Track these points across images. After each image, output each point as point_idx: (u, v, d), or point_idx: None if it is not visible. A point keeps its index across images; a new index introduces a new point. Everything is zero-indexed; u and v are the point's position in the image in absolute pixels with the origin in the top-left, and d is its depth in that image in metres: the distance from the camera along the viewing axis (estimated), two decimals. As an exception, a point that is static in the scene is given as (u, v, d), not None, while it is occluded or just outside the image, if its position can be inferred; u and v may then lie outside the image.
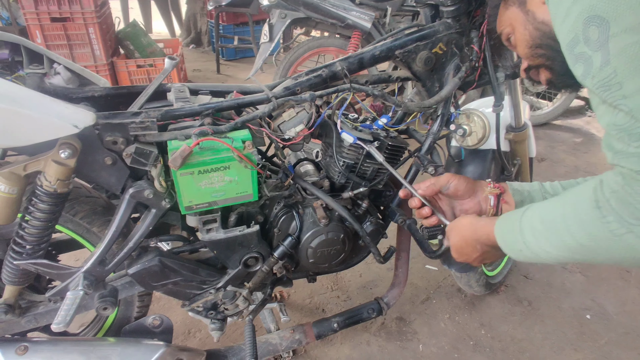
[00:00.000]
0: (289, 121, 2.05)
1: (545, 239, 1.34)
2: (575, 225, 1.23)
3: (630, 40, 1.02)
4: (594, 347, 3.13)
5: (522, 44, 1.64)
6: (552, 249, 1.32)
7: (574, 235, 1.23)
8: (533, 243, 1.38)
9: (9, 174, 1.66)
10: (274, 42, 5.29)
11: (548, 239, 1.33)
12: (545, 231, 1.34)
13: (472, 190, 1.92)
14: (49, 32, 6.32)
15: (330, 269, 2.50)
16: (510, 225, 1.50)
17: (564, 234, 1.27)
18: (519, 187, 1.88)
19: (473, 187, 1.93)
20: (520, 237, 1.43)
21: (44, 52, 1.97)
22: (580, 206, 1.22)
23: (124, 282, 2.23)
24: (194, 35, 11.51)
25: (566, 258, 1.32)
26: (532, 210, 1.43)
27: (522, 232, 1.42)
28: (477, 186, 1.93)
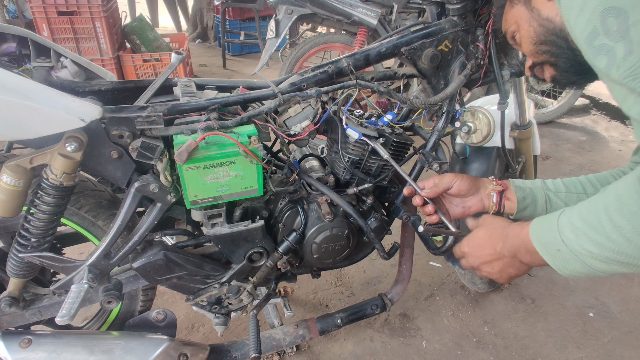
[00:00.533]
0: (295, 117, 2.05)
1: (586, 237, 1.24)
2: (622, 219, 1.15)
3: None
4: (597, 345, 3.13)
5: (527, 40, 1.63)
6: (596, 248, 1.21)
7: (621, 229, 1.15)
8: (573, 241, 1.28)
9: (15, 167, 1.66)
10: (280, 38, 5.31)
11: (590, 237, 1.23)
12: (586, 228, 1.24)
13: (474, 188, 1.92)
14: (55, 25, 6.33)
15: (334, 264, 2.50)
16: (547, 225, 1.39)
17: (609, 230, 1.17)
18: (521, 184, 1.88)
19: (475, 184, 1.93)
20: (559, 235, 1.32)
21: (51, 46, 1.97)
22: (626, 198, 1.15)
23: (129, 275, 2.24)
24: (200, 30, 11.51)
25: (611, 261, 1.20)
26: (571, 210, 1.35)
27: (561, 231, 1.32)
28: (480, 183, 1.93)
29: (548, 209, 1.82)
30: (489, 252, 1.66)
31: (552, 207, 1.81)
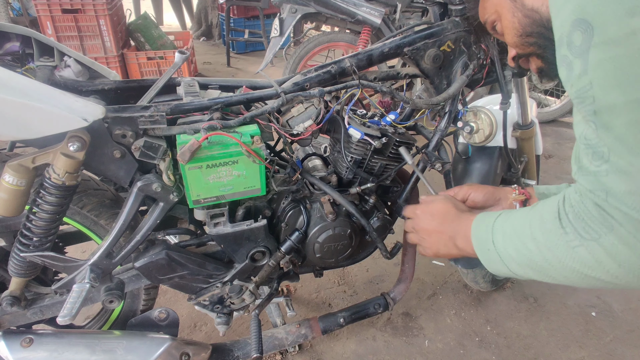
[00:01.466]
0: (298, 116, 2.05)
1: (511, 242, 1.38)
2: (539, 233, 1.28)
3: (610, 54, 0.98)
4: (599, 344, 3.13)
5: (511, 32, 1.59)
6: (516, 253, 1.36)
7: (536, 241, 1.28)
8: (500, 244, 1.42)
9: (18, 166, 1.67)
10: (284, 36, 5.32)
11: (513, 243, 1.37)
12: (512, 234, 1.38)
13: (493, 199, 1.90)
14: (59, 23, 6.35)
15: (337, 263, 2.50)
16: (485, 224, 1.52)
17: (528, 240, 1.31)
18: (545, 191, 1.85)
19: (494, 195, 1.90)
20: (491, 236, 1.46)
21: (54, 45, 1.97)
22: (546, 216, 1.27)
23: (131, 275, 2.24)
24: (205, 28, 11.53)
25: (525, 266, 1.35)
26: (507, 215, 1.47)
27: (494, 232, 1.46)
28: (501, 194, 1.90)
29: None
30: (435, 224, 1.77)
31: None
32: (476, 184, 1.98)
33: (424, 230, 1.83)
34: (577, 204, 1.16)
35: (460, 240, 1.64)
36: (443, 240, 1.73)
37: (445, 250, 1.74)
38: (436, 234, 1.77)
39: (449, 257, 1.75)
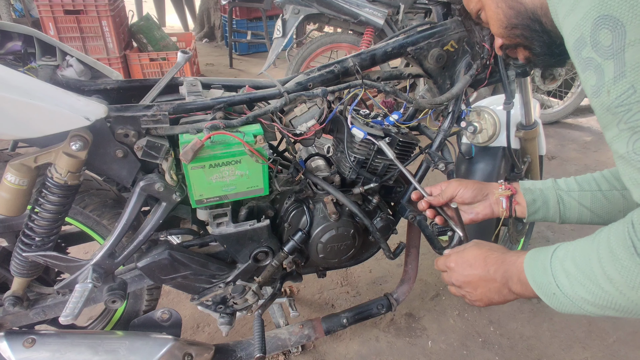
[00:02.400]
0: (301, 116, 2.04)
1: (580, 285, 1.22)
2: (614, 271, 1.11)
3: None
4: (602, 346, 3.12)
5: (496, 23, 1.53)
6: (590, 296, 1.19)
7: (613, 281, 1.12)
8: (568, 287, 1.26)
9: (20, 166, 1.66)
10: (287, 38, 5.32)
11: (584, 285, 1.21)
12: (580, 276, 1.22)
13: (481, 195, 1.89)
14: (62, 24, 6.36)
15: (340, 264, 2.50)
16: (542, 266, 1.36)
17: (602, 281, 1.15)
18: (530, 186, 1.83)
19: (482, 191, 1.90)
20: (553, 280, 1.30)
21: (56, 45, 1.97)
22: (617, 250, 1.10)
23: (133, 275, 2.24)
24: (207, 30, 11.54)
25: (605, 308, 1.18)
26: (564, 251, 1.32)
27: (554, 275, 1.30)
28: (488, 189, 1.89)
29: (561, 210, 1.75)
30: (479, 273, 1.59)
31: (565, 207, 1.74)
32: (463, 179, 1.94)
33: (468, 284, 1.64)
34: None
35: (516, 286, 1.47)
36: (495, 288, 1.55)
37: (501, 298, 1.57)
38: (484, 283, 1.58)
39: (506, 302, 1.58)
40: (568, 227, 4.40)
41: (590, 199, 1.69)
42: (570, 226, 4.42)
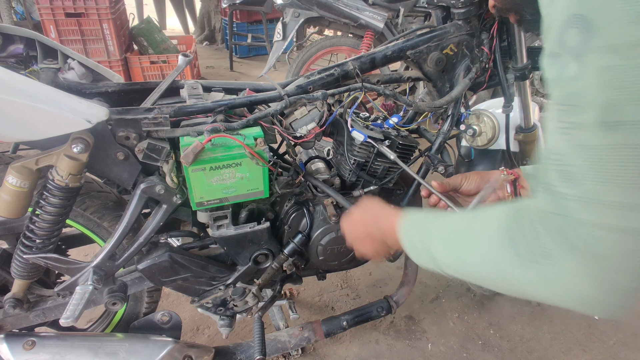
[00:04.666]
0: (301, 119, 2.05)
1: (450, 253, 1.27)
2: (486, 248, 1.14)
3: (612, 63, 0.84)
4: (602, 348, 3.13)
5: None
6: (455, 264, 1.26)
7: (483, 257, 1.15)
8: (439, 253, 1.30)
9: (21, 168, 1.67)
10: (287, 41, 5.32)
11: (453, 254, 1.26)
12: (452, 244, 1.27)
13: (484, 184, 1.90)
14: (63, 27, 6.35)
15: (340, 266, 2.50)
16: (414, 226, 1.45)
17: (471, 254, 1.20)
18: (532, 171, 1.84)
19: (485, 179, 1.89)
20: (424, 240, 1.36)
21: (58, 47, 1.98)
22: (493, 230, 1.13)
23: (134, 277, 2.24)
24: (208, 33, 11.53)
25: (465, 276, 1.25)
26: (439, 219, 1.38)
27: (426, 236, 1.35)
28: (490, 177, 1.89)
29: None
30: (360, 232, 1.75)
31: None
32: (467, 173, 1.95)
33: (357, 242, 1.81)
34: (536, 224, 1.01)
35: (391, 241, 1.57)
36: (376, 243, 1.71)
37: (385, 250, 1.73)
38: (367, 240, 1.74)
39: (395, 252, 1.79)
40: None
41: None
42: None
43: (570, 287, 0.97)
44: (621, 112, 0.83)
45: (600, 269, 0.92)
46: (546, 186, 0.99)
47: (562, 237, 0.95)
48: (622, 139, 0.84)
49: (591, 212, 0.90)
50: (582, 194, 0.91)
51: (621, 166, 0.85)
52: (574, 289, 0.97)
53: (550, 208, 0.98)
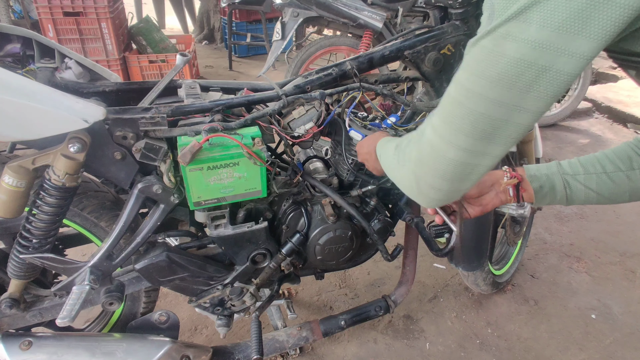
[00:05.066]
0: (299, 119, 2.05)
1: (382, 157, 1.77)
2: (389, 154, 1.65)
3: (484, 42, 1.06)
4: (599, 347, 3.13)
5: None
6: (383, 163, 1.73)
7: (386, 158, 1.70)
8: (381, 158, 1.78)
9: (18, 168, 1.67)
10: (286, 40, 5.32)
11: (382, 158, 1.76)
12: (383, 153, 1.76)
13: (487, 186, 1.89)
14: (61, 26, 6.34)
15: (338, 266, 2.50)
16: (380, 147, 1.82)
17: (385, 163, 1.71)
18: (536, 172, 1.81)
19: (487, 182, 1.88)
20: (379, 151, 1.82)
21: (55, 47, 1.98)
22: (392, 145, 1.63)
23: (131, 277, 2.24)
24: (207, 32, 11.53)
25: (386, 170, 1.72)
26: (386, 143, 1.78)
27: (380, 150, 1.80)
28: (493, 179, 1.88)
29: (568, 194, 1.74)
30: (365, 151, 2.01)
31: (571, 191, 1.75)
32: None
33: (363, 155, 2.05)
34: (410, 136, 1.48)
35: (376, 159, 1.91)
36: (372, 159, 1.93)
37: (376, 165, 1.95)
38: (368, 155, 1.98)
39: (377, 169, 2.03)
40: (565, 229, 4.41)
41: (595, 181, 1.73)
42: (567, 228, 4.43)
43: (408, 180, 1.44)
44: (468, 80, 1.11)
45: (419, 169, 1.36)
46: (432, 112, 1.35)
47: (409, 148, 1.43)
48: (460, 98, 1.15)
49: (432, 134, 1.27)
50: (435, 122, 1.26)
51: (455, 115, 1.17)
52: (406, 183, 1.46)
53: (423, 125, 1.36)
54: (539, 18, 0.94)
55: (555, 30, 0.93)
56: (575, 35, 0.93)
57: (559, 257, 4.04)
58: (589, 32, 0.92)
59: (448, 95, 1.19)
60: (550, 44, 0.95)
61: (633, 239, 4.33)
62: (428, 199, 1.40)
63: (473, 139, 1.16)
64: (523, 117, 1.08)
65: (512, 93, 1.04)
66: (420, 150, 1.33)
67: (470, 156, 1.20)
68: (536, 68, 0.98)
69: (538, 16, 0.94)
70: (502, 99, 1.05)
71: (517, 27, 0.97)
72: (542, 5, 0.93)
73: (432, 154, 1.27)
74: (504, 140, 1.15)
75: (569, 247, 4.18)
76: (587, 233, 4.39)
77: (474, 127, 1.13)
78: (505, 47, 1.00)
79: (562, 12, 0.91)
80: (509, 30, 0.99)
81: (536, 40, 0.96)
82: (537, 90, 1.02)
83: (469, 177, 1.28)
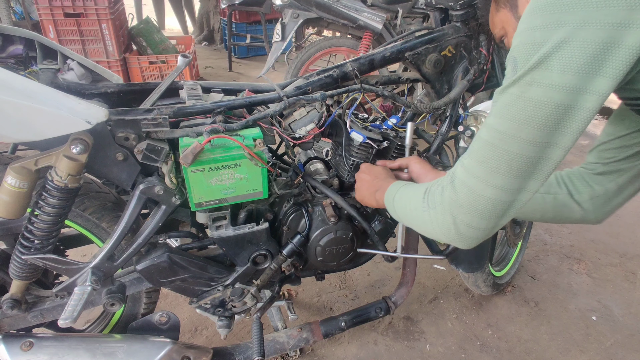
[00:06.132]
0: (300, 120, 2.05)
1: (398, 204, 1.76)
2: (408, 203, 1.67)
3: (512, 90, 1.16)
4: (600, 349, 3.13)
5: None
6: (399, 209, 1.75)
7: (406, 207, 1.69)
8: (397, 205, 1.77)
9: (20, 169, 1.67)
10: (286, 41, 5.32)
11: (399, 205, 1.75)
12: (400, 201, 1.75)
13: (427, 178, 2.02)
14: (62, 27, 6.34)
15: (338, 267, 2.50)
16: (394, 189, 1.83)
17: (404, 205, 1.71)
18: None
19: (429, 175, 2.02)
20: (392, 199, 1.81)
21: (57, 48, 1.98)
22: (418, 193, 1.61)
23: (132, 278, 2.24)
24: (207, 33, 11.54)
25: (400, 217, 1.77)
26: (396, 187, 1.82)
27: (394, 196, 1.80)
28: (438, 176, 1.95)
29: None
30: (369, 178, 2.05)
31: None
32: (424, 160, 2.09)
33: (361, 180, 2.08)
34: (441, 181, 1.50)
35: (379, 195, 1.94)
36: (370, 191, 2.01)
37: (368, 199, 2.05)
38: (367, 184, 2.03)
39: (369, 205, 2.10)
40: (565, 231, 4.41)
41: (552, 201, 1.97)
42: (567, 229, 4.43)
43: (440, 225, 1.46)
44: (499, 123, 1.20)
45: (456, 211, 1.39)
46: (461, 156, 1.44)
47: (442, 191, 1.44)
48: (493, 140, 1.23)
49: (466, 176, 1.33)
50: (467, 164, 1.33)
51: (490, 156, 1.24)
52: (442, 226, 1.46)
53: (453, 168, 1.42)
54: (558, 65, 1.04)
55: (576, 74, 1.03)
56: (593, 76, 1.02)
57: (559, 258, 4.04)
58: (605, 72, 1.01)
59: (479, 139, 1.28)
60: (572, 85, 1.04)
61: (633, 240, 4.33)
62: (466, 238, 1.43)
63: (510, 177, 1.23)
64: (554, 152, 1.17)
65: (542, 132, 1.13)
66: (456, 192, 1.37)
67: (507, 194, 1.27)
68: (562, 108, 1.07)
69: (558, 63, 1.04)
70: (533, 138, 1.14)
71: (540, 74, 1.08)
72: (560, 53, 1.04)
73: (469, 195, 1.33)
74: (538, 175, 1.22)
75: (569, 248, 4.19)
76: (587, 234, 4.39)
77: (510, 166, 1.22)
78: (532, 93, 1.10)
79: (579, 58, 1.01)
80: (533, 77, 1.09)
81: (559, 84, 1.05)
82: (565, 126, 1.11)
83: (507, 213, 1.33)
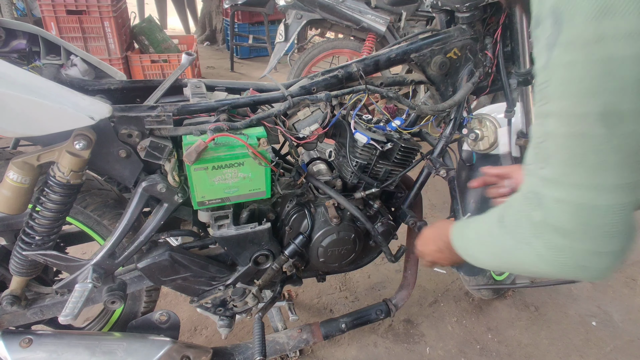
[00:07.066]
0: (304, 120, 2.05)
1: (474, 246, 1.49)
2: (488, 238, 1.35)
3: (569, 58, 0.88)
4: (600, 354, 3.13)
5: None
6: (478, 253, 1.46)
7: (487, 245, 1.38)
8: (474, 251, 1.49)
9: (22, 164, 1.66)
10: (289, 42, 5.33)
11: (478, 248, 1.47)
12: (475, 239, 1.48)
13: None
14: (64, 24, 6.35)
15: (340, 268, 2.50)
16: (460, 234, 1.61)
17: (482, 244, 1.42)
18: None
19: None
20: (463, 244, 1.56)
21: (61, 44, 1.97)
22: (490, 224, 1.32)
23: (133, 276, 2.23)
24: (209, 33, 11.53)
25: (484, 263, 1.45)
26: (467, 224, 1.56)
27: (464, 238, 1.57)
28: None
29: None
30: (434, 248, 1.86)
31: None
32: None
33: (432, 254, 1.90)
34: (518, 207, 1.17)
35: (452, 252, 1.70)
36: (444, 255, 1.82)
37: (451, 260, 1.83)
38: (441, 254, 1.84)
39: (460, 262, 1.79)
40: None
41: None
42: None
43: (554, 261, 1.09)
44: (578, 104, 0.90)
45: (567, 240, 1.03)
46: (527, 167, 1.11)
47: (535, 215, 1.08)
48: (580, 129, 0.91)
49: (559, 190, 1.00)
50: (551, 175, 1.01)
51: (583, 152, 0.93)
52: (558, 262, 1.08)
53: (527, 188, 1.10)
54: (633, 5, 0.78)
55: None
56: None
57: (560, 263, 4.03)
58: None
59: (555, 136, 0.98)
60: None
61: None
62: (593, 270, 1.05)
63: (625, 168, 0.93)
64: None
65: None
66: (554, 217, 1.03)
67: (629, 191, 0.95)
68: None
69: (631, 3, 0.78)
70: (636, 106, 0.86)
71: (609, 25, 0.81)
72: None
73: (577, 214, 0.99)
74: None
75: (570, 253, 4.17)
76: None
77: (619, 153, 0.91)
78: (609, 51, 0.83)
79: None
80: (598, 32, 0.82)
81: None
82: None
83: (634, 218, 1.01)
